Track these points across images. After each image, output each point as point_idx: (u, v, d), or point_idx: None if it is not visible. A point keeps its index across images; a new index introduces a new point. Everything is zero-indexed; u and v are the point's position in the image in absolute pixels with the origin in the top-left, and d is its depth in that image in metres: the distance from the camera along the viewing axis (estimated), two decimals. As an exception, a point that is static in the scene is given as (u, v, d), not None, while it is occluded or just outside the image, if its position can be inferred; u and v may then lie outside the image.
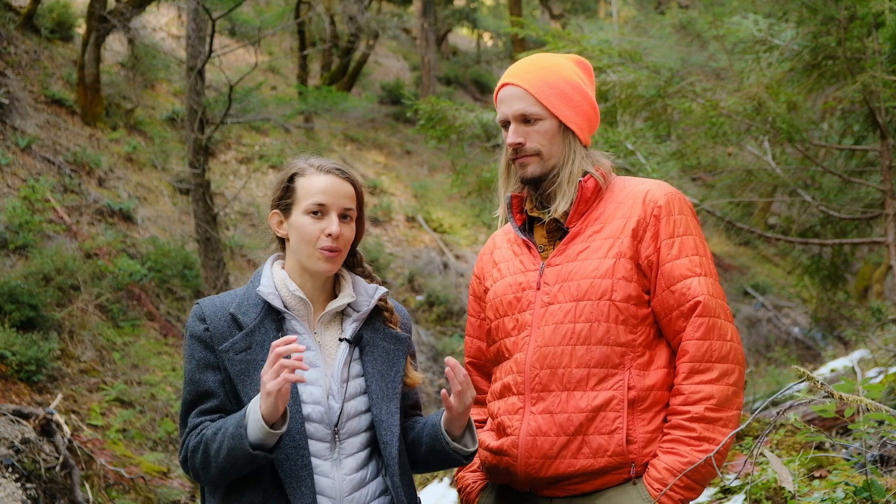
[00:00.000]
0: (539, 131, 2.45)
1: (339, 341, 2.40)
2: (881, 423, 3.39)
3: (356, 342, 2.40)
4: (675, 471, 2.27)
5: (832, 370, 7.57)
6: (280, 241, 2.47)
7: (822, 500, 3.10)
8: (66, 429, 6.71)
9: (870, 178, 6.55)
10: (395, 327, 2.47)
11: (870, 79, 5.05)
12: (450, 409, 2.29)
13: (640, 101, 6.20)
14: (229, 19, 15.80)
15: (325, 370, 2.34)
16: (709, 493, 4.27)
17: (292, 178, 2.40)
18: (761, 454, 3.17)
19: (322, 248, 2.34)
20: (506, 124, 2.50)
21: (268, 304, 2.35)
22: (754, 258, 18.25)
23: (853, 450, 4.17)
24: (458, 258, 14.76)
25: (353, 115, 18.06)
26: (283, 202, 2.40)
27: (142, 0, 12.83)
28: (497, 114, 2.53)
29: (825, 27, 5.47)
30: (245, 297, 2.38)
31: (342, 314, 2.44)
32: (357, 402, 2.36)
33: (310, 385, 2.31)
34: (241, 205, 13.54)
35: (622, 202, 2.44)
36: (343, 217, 2.38)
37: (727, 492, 4.24)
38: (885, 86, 5.06)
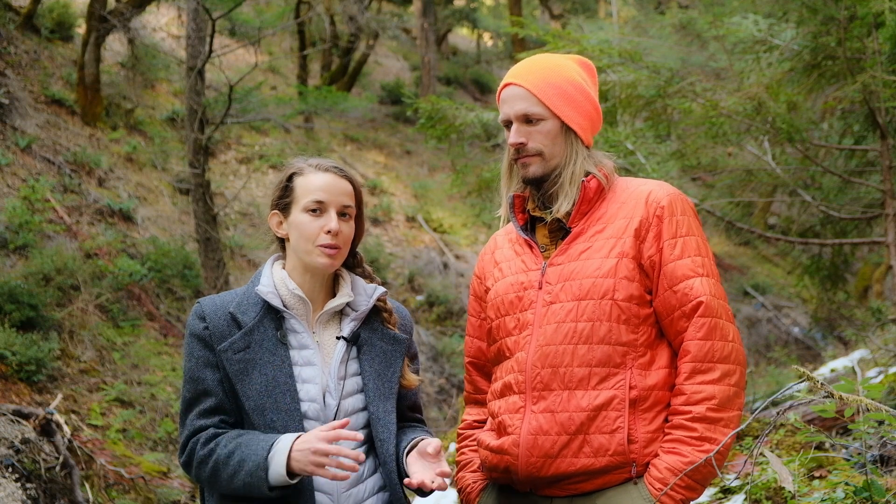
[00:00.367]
0: (541, 131, 2.45)
1: (337, 339, 2.41)
2: (881, 423, 3.39)
3: (353, 341, 2.42)
4: (677, 470, 2.27)
5: (832, 370, 7.56)
6: (280, 242, 2.49)
7: (822, 500, 3.11)
8: (66, 429, 6.71)
9: (870, 178, 6.55)
10: (394, 328, 2.49)
11: (870, 79, 5.06)
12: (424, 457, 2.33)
13: (640, 101, 6.20)
14: (229, 19, 15.80)
15: (322, 368, 2.36)
16: (709, 493, 4.28)
17: (291, 178, 2.42)
18: (761, 454, 3.18)
19: (321, 245, 2.35)
20: (508, 124, 2.51)
21: (267, 303, 2.37)
22: (754, 258, 18.25)
23: (853, 450, 4.17)
24: (458, 258, 14.75)
25: (353, 115, 18.06)
26: (283, 202, 2.42)
27: (142, 0, 12.83)
28: (499, 114, 2.54)
29: (825, 27, 5.47)
30: (245, 296, 2.40)
31: (341, 314, 2.46)
32: (354, 400, 2.38)
33: (307, 382, 2.33)
34: (241, 205, 13.54)
35: (625, 202, 2.45)
36: (342, 215, 2.40)
37: (727, 492, 4.24)
38: (885, 86, 5.07)
